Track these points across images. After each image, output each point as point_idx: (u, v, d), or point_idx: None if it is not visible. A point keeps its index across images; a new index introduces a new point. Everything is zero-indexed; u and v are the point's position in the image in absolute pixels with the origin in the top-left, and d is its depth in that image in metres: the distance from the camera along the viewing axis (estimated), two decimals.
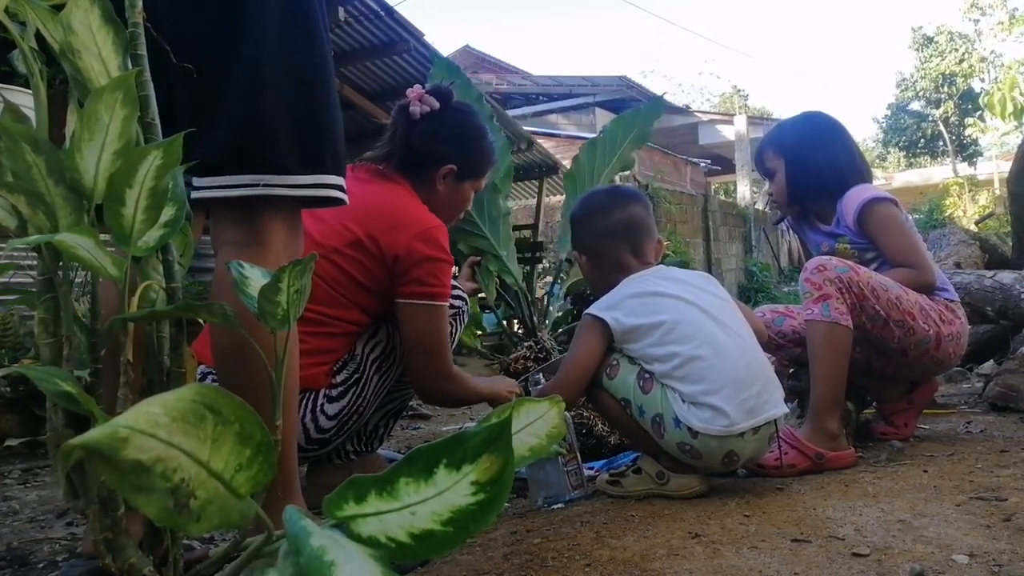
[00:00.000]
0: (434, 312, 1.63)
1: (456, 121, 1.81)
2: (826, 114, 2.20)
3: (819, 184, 2.08)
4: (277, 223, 1.13)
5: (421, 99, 1.77)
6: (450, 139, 1.79)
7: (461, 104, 1.87)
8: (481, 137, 1.85)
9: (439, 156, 1.78)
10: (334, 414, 1.63)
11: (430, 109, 1.76)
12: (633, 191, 1.92)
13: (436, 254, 1.63)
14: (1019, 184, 3.81)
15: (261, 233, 1.12)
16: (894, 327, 1.84)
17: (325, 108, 1.15)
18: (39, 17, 0.84)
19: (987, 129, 10.59)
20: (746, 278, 13.04)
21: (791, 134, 2.16)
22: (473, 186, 1.88)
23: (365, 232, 1.62)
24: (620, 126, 2.62)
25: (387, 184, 1.74)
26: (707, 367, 1.49)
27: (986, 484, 1.47)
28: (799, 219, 2.21)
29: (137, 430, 0.50)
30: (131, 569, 0.76)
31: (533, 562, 1.17)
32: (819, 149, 2.08)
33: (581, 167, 2.57)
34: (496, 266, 2.50)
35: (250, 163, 1.07)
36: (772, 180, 2.18)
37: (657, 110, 2.66)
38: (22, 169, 0.77)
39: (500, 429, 0.56)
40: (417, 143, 1.76)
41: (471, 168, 1.84)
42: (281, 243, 1.13)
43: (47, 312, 0.82)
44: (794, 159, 2.11)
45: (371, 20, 4.81)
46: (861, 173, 2.09)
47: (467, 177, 1.84)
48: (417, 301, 1.61)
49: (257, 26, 1.08)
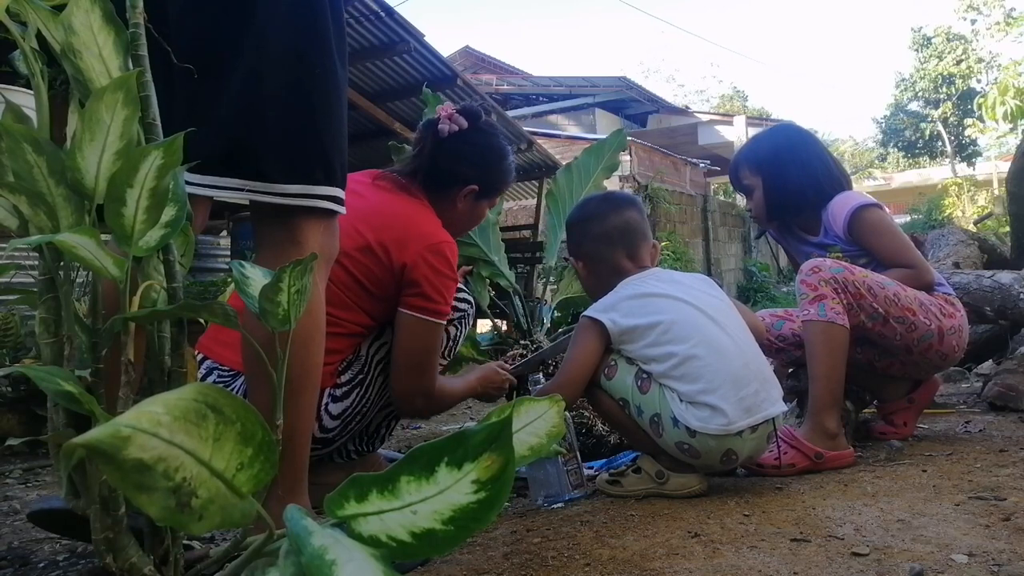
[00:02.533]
0: (430, 329, 1.64)
1: (482, 143, 1.83)
2: (797, 125, 2.24)
3: (798, 197, 2.09)
4: (312, 224, 1.17)
5: (451, 118, 1.78)
6: (476, 161, 1.81)
7: (488, 125, 1.89)
8: (504, 158, 1.88)
9: (463, 177, 1.80)
10: (338, 413, 1.64)
11: (458, 128, 1.78)
12: (627, 196, 1.93)
13: (443, 269, 1.64)
14: (1017, 184, 3.82)
15: (297, 233, 1.16)
16: (895, 324, 1.84)
17: (324, 120, 1.16)
18: (40, 18, 0.85)
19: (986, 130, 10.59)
20: (745, 278, 13.04)
21: (766, 150, 2.16)
22: (490, 204, 1.92)
23: (376, 239, 1.63)
24: (591, 156, 2.87)
25: (405, 196, 1.75)
26: (704, 366, 1.50)
27: (985, 483, 1.48)
28: (781, 231, 2.23)
29: (139, 429, 0.50)
30: (132, 568, 0.77)
31: (533, 561, 1.17)
32: (795, 164, 2.09)
33: (561, 188, 2.78)
34: (488, 271, 2.54)
35: (237, 168, 1.11)
36: (750, 197, 2.19)
37: (621, 142, 2.93)
38: (23, 169, 0.77)
39: (501, 428, 0.56)
40: (443, 162, 1.78)
41: (491, 188, 1.87)
42: (317, 244, 1.17)
43: (48, 312, 0.82)
44: (771, 175, 2.12)
45: (371, 20, 4.81)
46: (839, 181, 2.10)
47: (486, 196, 1.86)
48: (417, 315, 1.62)
49: (261, 35, 1.10)
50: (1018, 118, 8.00)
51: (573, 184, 2.77)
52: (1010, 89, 7.99)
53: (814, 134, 2.21)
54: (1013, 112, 7.92)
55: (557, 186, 2.76)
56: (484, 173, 1.82)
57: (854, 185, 2.23)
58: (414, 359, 1.64)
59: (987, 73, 23.80)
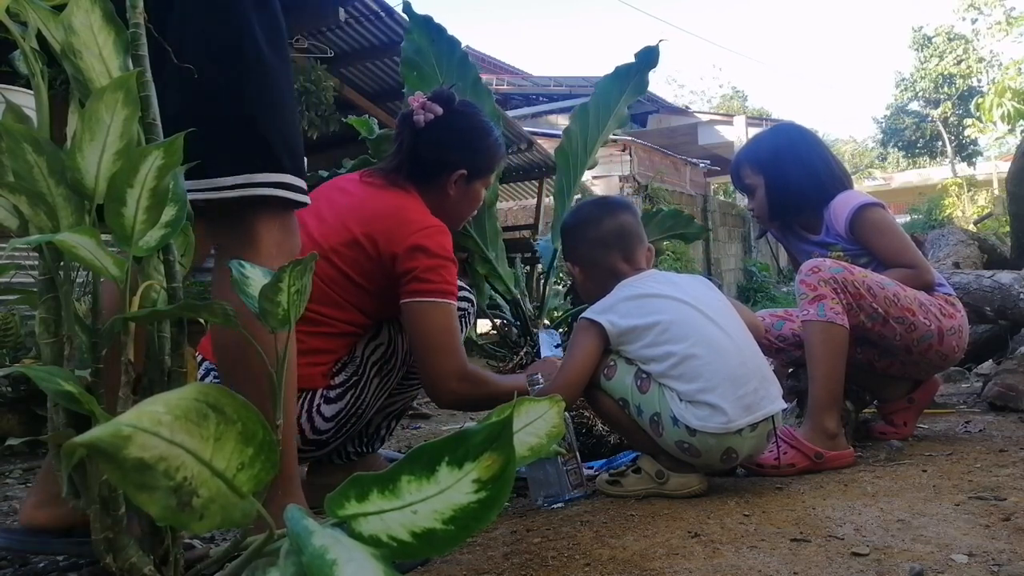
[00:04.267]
0: (440, 310, 1.58)
1: (461, 125, 1.78)
2: (798, 125, 2.24)
3: (800, 196, 2.09)
4: (265, 222, 1.14)
5: (424, 107, 1.74)
6: (457, 145, 1.76)
7: (464, 105, 1.83)
8: (487, 135, 1.82)
9: (448, 163, 1.75)
10: (332, 415, 1.62)
11: (433, 116, 1.73)
12: (621, 200, 1.91)
13: (437, 251, 1.60)
14: (1017, 184, 3.82)
15: (251, 233, 1.13)
16: (894, 324, 1.85)
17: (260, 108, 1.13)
18: (40, 18, 0.84)
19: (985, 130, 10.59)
20: (745, 278, 13.04)
21: (767, 149, 2.16)
22: (483, 184, 1.85)
23: (363, 232, 1.61)
24: (615, 80, 2.51)
25: (393, 190, 1.71)
26: (703, 365, 1.50)
27: (985, 483, 1.48)
28: (783, 231, 2.23)
29: (140, 428, 0.50)
30: (132, 568, 0.77)
31: (533, 561, 1.17)
32: (796, 162, 2.10)
33: (572, 138, 2.47)
34: (485, 269, 2.42)
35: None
36: (751, 196, 2.19)
37: (651, 57, 2.48)
38: (24, 169, 0.77)
39: (501, 427, 0.56)
40: (425, 153, 1.73)
41: (480, 169, 1.81)
42: (274, 243, 1.14)
43: (48, 312, 0.82)
44: (773, 174, 2.12)
45: (371, 20, 4.81)
46: (840, 180, 2.11)
47: (477, 178, 1.81)
48: (422, 299, 1.57)
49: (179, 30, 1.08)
50: (1015, 120, 8.01)
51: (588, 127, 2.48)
52: (1007, 91, 8.00)
53: (815, 133, 2.21)
54: (1011, 114, 7.94)
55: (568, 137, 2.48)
56: (469, 155, 1.77)
57: (854, 185, 2.23)
58: (430, 343, 1.57)
59: (987, 73, 23.80)
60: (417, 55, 2.38)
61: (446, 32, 2.42)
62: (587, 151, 2.53)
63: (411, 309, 1.59)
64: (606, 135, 2.56)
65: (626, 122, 2.63)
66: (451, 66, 2.40)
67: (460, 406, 1.74)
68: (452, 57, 2.37)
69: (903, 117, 26.81)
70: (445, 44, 2.38)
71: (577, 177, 2.55)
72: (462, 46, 2.44)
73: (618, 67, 2.51)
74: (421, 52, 2.38)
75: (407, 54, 2.38)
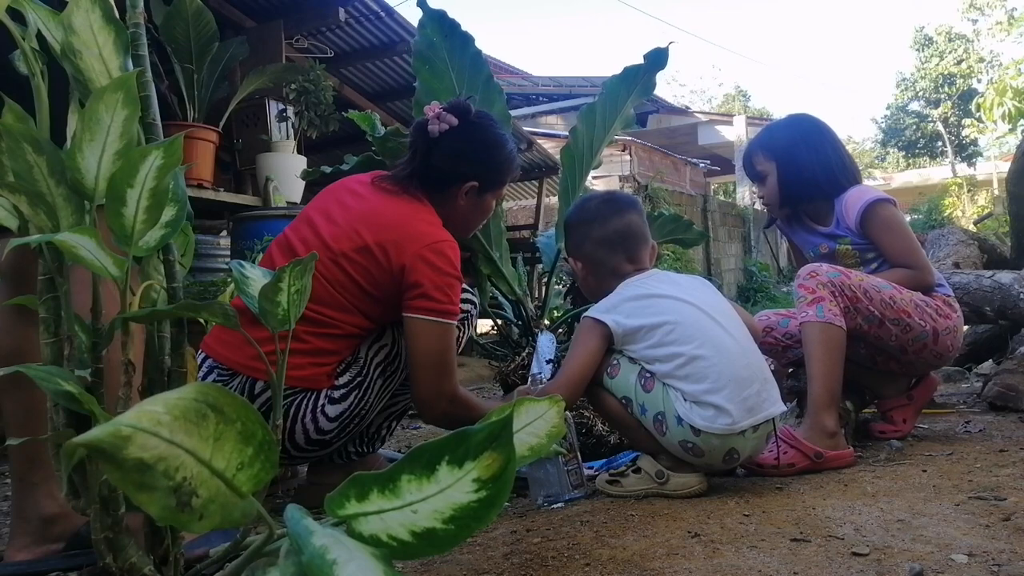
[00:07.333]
0: (441, 330, 1.60)
1: (476, 138, 1.76)
2: (813, 116, 2.22)
3: (812, 185, 2.10)
4: None
5: (439, 117, 1.71)
6: (471, 158, 1.74)
7: (480, 117, 1.80)
8: (501, 148, 1.80)
9: (461, 174, 1.74)
10: (335, 416, 1.62)
11: (448, 127, 1.71)
12: (628, 197, 1.89)
13: (445, 268, 1.60)
14: (1018, 184, 3.82)
15: None
16: (890, 326, 1.87)
17: None
18: (40, 17, 0.85)
19: (985, 130, 10.60)
20: (745, 278, 13.04)
21: (782, 137, 2.17)
22: (495, 196, 1.85)
23: (375, 240, 1.61)
24: (623, 81, 2.44)
25: (404, 198, 1.70)
26: (709, 366, 1.50)
27: (985, 483, 1.48)
28: (790, 221, 2.23)
29: (140, 429, 0.50)
30: (132, 568, 0.77)
31: (533, 561, 1.17)
32: (810, 151, 2.10)
33: (579, 138, 2.40)
34: (489, 268, 2.38)
35: None
36: (763, 183, 2.19)
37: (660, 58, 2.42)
38: (24, 169, 0.77)
39: (502, 427, 0.56)
40: (438, 163, 1.72)
41: (493, 182, 1.80)
42: None
43: (48, 312, 0.82)
44: (786, 161, 2.12)
45: (371, 20, 4.80)
46: (852, 173, 2.12)
47: (488, 190, 1.80)
48: (424, 317, 1.58)
49: None
50: (1016, 119, 8.01)
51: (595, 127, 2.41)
52: (1008, 90, 8.00)
53: (828, 125, 2.20)
54: (1011, 113, 7.93)
55: (575, 136, 2.41)
56: (482, 168, 1.76)
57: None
58: (429, 361, 1.60)
59: (987, 73, 23.80)
60: (429, 49, 2.30)
61: (460, 27, 2.34)
62: (593, 151, 2.50)
63: (414, 324, 1.59)
64: (612, 135, 2.53)
65: (632, 123, 2.60)
66: (464, 62, 2.32)
67: (446, 425, 1.75)
68: (465, 53, 2.31)
69: (903, 117, 26.82)
70: (458, 39, 2.31)
71: (582, 177, 2.52)
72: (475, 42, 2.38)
73: (627, 68, 2.48)
74: (434, 47, 2.30)
75: (419, 48, 2.30)
